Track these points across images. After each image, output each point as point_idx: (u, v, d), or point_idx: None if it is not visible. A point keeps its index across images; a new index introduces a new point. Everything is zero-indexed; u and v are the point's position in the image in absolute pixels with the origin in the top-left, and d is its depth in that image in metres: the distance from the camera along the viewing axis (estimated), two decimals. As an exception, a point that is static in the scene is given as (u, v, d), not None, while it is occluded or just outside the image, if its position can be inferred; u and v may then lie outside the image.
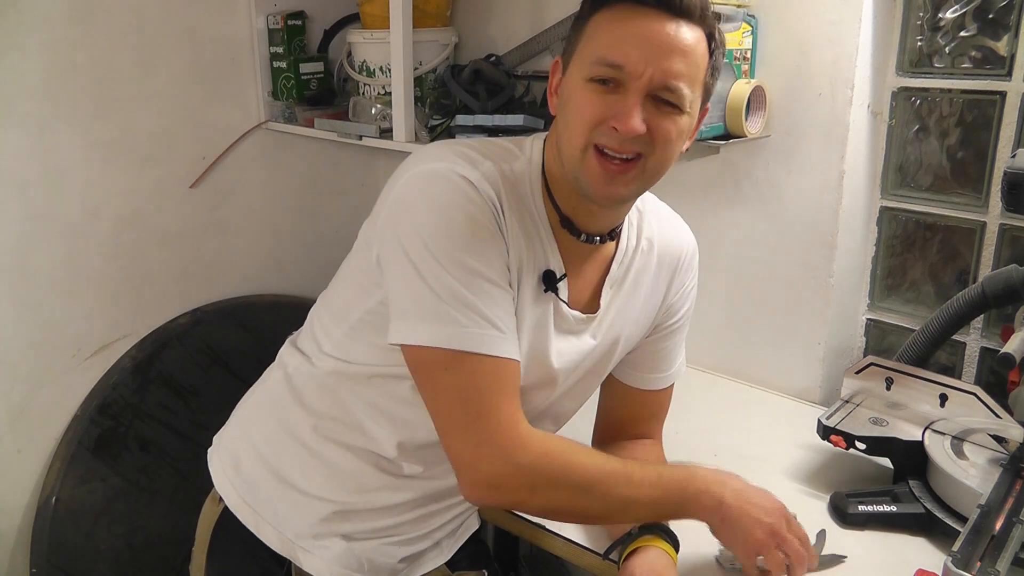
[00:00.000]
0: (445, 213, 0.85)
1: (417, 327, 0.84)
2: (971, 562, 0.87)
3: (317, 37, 1.83)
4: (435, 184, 0.86)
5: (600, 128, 0.85)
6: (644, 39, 0.83)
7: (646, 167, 0.87)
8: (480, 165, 0.89)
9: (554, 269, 0.94)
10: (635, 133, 0.83)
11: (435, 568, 1.06)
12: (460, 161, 0.88)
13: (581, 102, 0.86)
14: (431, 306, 0.83)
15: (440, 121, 1.57)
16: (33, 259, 1.49)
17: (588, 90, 0.85)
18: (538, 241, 0.93)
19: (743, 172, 1.48)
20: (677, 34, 0.84)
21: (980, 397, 1.19)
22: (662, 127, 0.85)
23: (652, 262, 1.04)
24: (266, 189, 1.84)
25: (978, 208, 1.38)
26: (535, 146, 0.95)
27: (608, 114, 0.84)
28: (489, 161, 0.90)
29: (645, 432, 1.15)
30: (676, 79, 0.84)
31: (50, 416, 1.56)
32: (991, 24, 1.33)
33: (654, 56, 0.83)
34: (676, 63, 0.84)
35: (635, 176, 0.87)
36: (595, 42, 0.86)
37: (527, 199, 0.92)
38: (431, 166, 0.88)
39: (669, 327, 1.09)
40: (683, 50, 0.84)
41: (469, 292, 0.84)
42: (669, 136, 0.86)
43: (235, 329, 1.78)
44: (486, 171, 0.88)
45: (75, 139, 1.51)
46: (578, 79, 0.86)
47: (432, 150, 0.92)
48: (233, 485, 1.04)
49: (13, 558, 1.54)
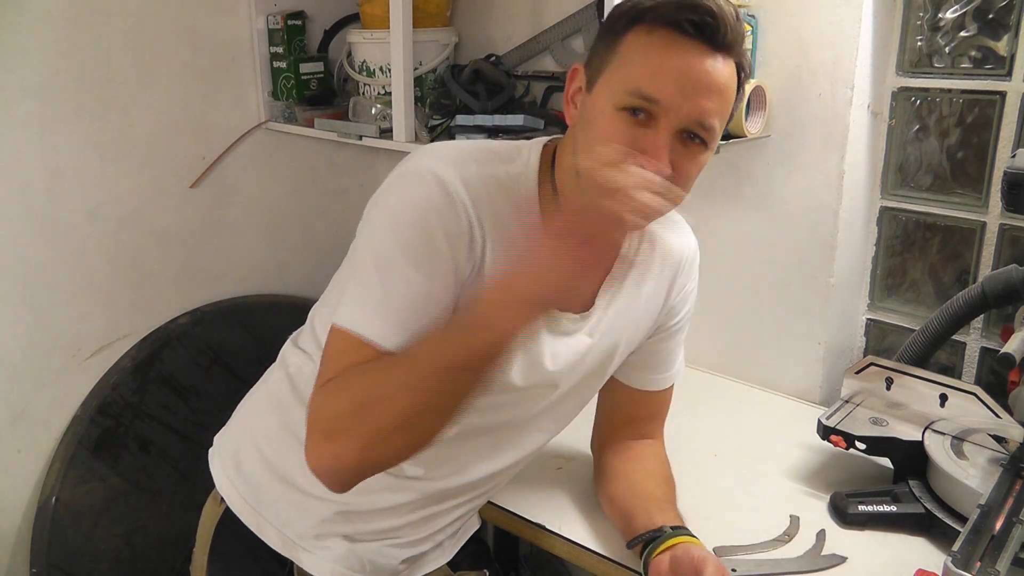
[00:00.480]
0: (400, 212, 0.86)
1: (349, 313, 0.85)
2: (971, 562, 0.87)
3: (317, 37, 1.83)
4: (405, 182, 0.88)
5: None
6: (684, 73, 0.79)
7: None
8: (466, 167, 0.88)
9: None
10: (663, 175, 0.79)
11: (436, 568, 1.06)
12: (445, 162, 0.87)
13: (608, 130, 0.82)
14: (365, 296, 0.85)
15: (440, 121, 1.57)
16: (33, 259, 1.49)
17: (618, 119, 0.82)
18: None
19: (743, 172, 1.48)
20: (714, 70, 0.80)
21: (980, 397, 1.19)
22: (686, 167, 0.83)
23: (654, 263, 1.04)
24: (266, 189, 1.84)
25: (978, 208, 1.38)
26: (533, 152, 0.94)
27: (636, 147, 0.80)
28: (478, 164, 0.89)
29: (646, 432, 1.15)
30: (710, 118, 0.81)
31: (50, 416, 1.56)
32: (991, 24, 1.33)
33: (692, 93, 0.79)
34: (712, 101, 0.81)
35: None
36: (630, 68, 0.82)
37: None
38: (414, 163, 0.89)
39: (670, 329, 1.09)
40: (719, 87, 0.81)
41: (397, 289, 0.83)
42: (691, 176, 0.85)
43: (235, 329, 1.78)
44: (469, 173, 0.87)
45: (75, 139, 1.51)
46: (607, 104, 0.83)
47: (429, 148, 0.92)
48: (234, 485, 1.04)
49: (13, 558, 1.54)
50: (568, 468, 1.24)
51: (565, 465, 1.25)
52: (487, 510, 1.15)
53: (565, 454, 1.26)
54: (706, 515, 1.13)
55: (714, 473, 1.25)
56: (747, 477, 1.24)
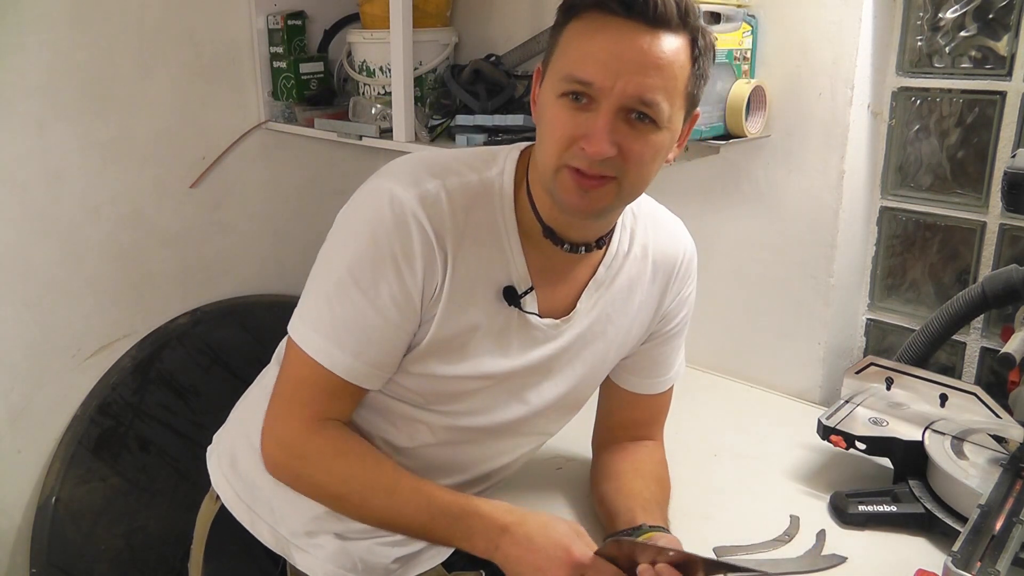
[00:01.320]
0: (352, 233, 0.90)
1: (296, 322, 0.94)
2: (971, 562, 0.87)
3: (317, 37, 1.83)
4: (362, 202, 0.91)
5: (571, 149, 0.83)
6: (614, 53, 0.79)
7: (621, 187, 0.85)
8: (426, 183, 0.89)
9: (515, 284, 0.94)
10: (603, 156, 0.81)
11: (431, 568, 1.06)
12: (403, 181, 0.89)
13: (553, 119, 0.84)
14: (313, 311, 0.92)
15: (440, 121, 1.57)
16: (33, 259, 1.49)
17: (559, 106, 0.83)
18: (499, 254, 0.93)
19: (743, 172, 1.48)
20: (651, 46, 0.80)
21: (980, 397, 1.19)
22: (634, 149, 0.82)
23: (647, 269, 1.03)
24: (266, 189, 1.84)
25: (978, 208, 1.37)
26: (510, 157, 0.94)
27: (578, 133, 0.82)
28: (444, 176, 0.90)
29: (645, 435, 1.15)
30: (650, 93, 0.80)
31: (50, 416, 1.56)
32: (991, 24, 1.33)
33: (624, 71, 0.79)
34: (650, 77, 0.80)
35: (610, 193, 0.85)
36: (566, 56, 0.83)
37: (494, 211, 0.92)
38: (375, 183, 0.91)
39: (666, 333, 1.09)
40: (658, 63, 0.80)
41: (340, 308, 0.89)
42: (643, 157, 0.84)
43: (235, 329, 1.78)
44: (429, 192, 0.88)
45: (75, 139, 1.51)
46: (551, 93, 0.84)
47: (390, 166, 0.93)
48: (230, 483, 1.05)
49: (13, 558, 1.54)
50: (568, 468, 1.24)
51: (565, 465, 1.25)
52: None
53: (565, 454, 1.26)
54: (706, 515, 1.13)
55: (714, 473, 1.24)
56: (747, 477, 1.23)
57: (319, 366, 0.90)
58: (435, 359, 0.94)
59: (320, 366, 0.90)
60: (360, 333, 0.89)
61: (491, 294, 0.93)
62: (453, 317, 0.92)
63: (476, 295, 0.92)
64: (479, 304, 0.93)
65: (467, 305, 0.92)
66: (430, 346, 0.93)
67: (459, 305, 0.91)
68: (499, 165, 0.94)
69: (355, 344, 0.90)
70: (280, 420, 0.95)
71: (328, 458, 0.93)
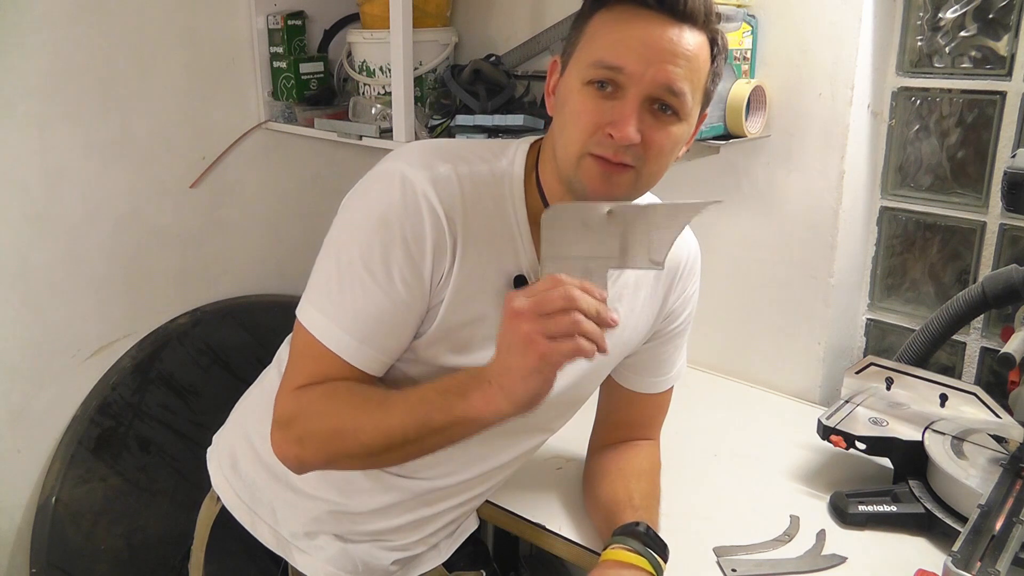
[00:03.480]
0: (362, 214, 0.89)
1: (305, 305, 0.91)
2: (971, 562, 0.87)
3: (317, 37, 1.83)
4: (373, 184, 0.91)
5: (595, 136, 0.83)
6: (645, 42, 0.81)
7: (639, 176, 0.86)
8: (439, 167, 0.88)
9: (526, 273, 0.93)
10: (630, 141, 0.81)
11: (432, 568, 1.06)
12: (416, 164, 0.88)
13: (578, 106, 0.84)
14: (322, 294, 0.90)
15: (440, 121, 1.57)
16: (33, 259, 1.49)
17: (585, 94, 0.84)
18: (508, 243, 0.92)
19: (743, 172, 1.48)
20: (679, 39, 0.82)
21: (980, 397, 1.19)
22: (656, 139, 0.84)
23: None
24: (266, 189, 1.84)
25: (978, 208, 1.37)
26: (520, 149, 0.94)
27: (604, 120, 0.82)
28: (456, 163, 0.90)
29: (643, 434, 1.15)
30: (679, 83, 0.82)
31: (50, 416, 1.56)
32: (991, 24, 1.33)
33: (655, 59, 0.81)
34: (678, 67, 0.82)
35: (629, 180, 0.86)
36: (595, 44, 0.84)
37: (504, 201, 0.92)
38: (386, 164, 0.91)
39: (669, 332, 1.09)
40: (685, 55, 0.82)
41: (350, 291, 0.87)
42: (663, 148, 0.85)
43: (235, 329, 1.78)
44: (441, 175, 0.88)
45: (75, 139, 1.51)
46: (576, 81, 0.85)
47: (404, 148, 0.93)
48: (230, 484, 1.05)
49: (13, 558, 1.54)
50: (568, 468, 1.24)
51: (565, 465, 1.25)
52: (487, 510, 1.15)
53: (565, 454, 1.26)
54: (706, 515, 1.13)
55: (714, 473, 1.25)
56: (747, 477, 1.23)
57: (325, 349, 0.88)
58: (442, 347, 0.93)
59: (326, 349, 0.88)
60: (368, 316, 0.88)
61: (500, 284, 0.92)
62: (461, 304, 0.91)
63: (485, 284, 0.91)
64: (488, 293, 0.92)
65: (476, 292, 0.91)
66: (437, 333, 0.92)
67: (467, 293, 0.91)
68: (509, 156, 0.93)
69: (362, 328, 0.88)
70: (281, 402, 0.93)
71: (317, 402, 0.89)
